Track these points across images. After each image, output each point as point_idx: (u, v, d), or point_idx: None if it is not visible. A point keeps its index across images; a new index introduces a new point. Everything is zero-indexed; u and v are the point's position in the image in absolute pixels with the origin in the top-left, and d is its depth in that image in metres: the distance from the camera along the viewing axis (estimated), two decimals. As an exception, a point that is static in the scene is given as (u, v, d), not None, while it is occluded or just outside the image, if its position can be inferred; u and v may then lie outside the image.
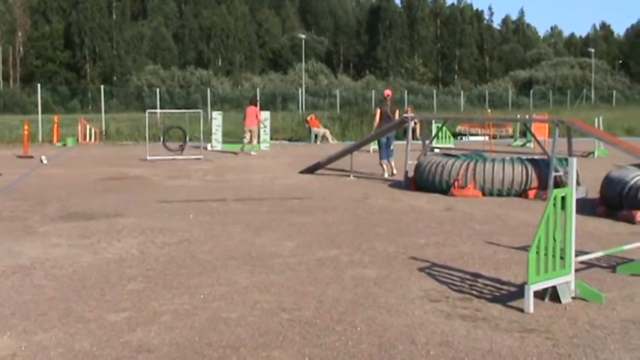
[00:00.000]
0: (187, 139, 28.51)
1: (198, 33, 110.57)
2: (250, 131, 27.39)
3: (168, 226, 11.11)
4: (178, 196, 14.81)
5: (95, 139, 35.23)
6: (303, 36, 78.15)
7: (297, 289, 7.31)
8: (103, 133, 37.36)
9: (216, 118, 31.49)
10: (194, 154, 25.18)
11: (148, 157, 23.91)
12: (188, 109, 39.09)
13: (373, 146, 27.20)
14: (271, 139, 32.34)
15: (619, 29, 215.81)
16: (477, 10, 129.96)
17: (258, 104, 29.49)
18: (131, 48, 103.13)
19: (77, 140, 34.40)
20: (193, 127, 32.85)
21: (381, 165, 18.88)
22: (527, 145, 31.54)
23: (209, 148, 29.68)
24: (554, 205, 6.53)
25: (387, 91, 20.65)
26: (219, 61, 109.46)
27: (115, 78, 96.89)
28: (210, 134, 31.04)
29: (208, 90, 55.75)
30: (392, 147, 19.06)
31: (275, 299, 6.94)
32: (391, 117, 19.13)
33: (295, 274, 7.99)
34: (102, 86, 46.79)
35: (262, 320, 6.28)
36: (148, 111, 28.53)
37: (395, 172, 18.68)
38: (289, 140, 37.48)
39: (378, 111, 19.44)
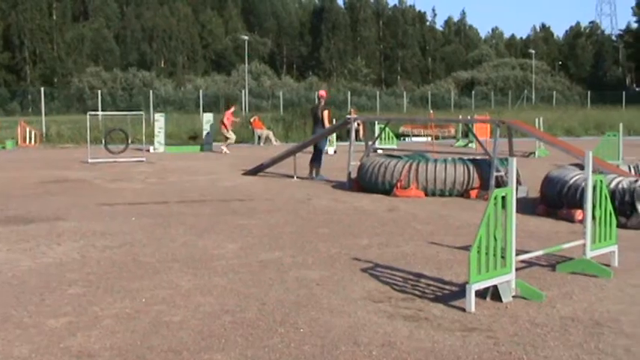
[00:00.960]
0: (129, 141, 28.26)
1: (140, 34, 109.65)
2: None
3: (109, 230, 11.01)
4: (120, 199, 14.67)
5: (35, 142, 34.74)
6: (246, 37, 77.82)
7: (239, 292, 7.29)
8: (44, 135, 36.86)
9: (159, 120, 31.27)
10: (136, 157, 24.97)
11: (90, 160, 23.67)
12: (130, 111, 38.75)
13: (328, 147, 27.24)
14: (214, 140, 32.18)
15: (558, 31, 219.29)
16: (419, 11, 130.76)
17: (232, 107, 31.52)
18: (72, 49, 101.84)
19: (16, 143, 33.90)
20: (136, 129, 32.55)
21: (314, 168, 18.83)
22: (470, 145, 31.75)
23: (151, 150, 29.46)
24: (495, 204, 6.59)
25: (322, 92, 20.61)
26: (162, 62, 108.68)
27: (55, 80, 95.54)
28: (153, 136, 30.81)
29: (151, 92, 55.39)
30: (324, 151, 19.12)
31: (218, 302, 6.91)
32: (320, 118, 19.07)
33: (238, 276, 7.96)
34: (42, 88, 46.11)
35: (205, 323, 6.25)
36: (90, 113, 28.23)
37: (314, 176, 18.66)
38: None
39: (327, 112, 19.33)
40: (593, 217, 8.06)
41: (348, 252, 9.27)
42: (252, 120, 37.50)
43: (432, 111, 48.34)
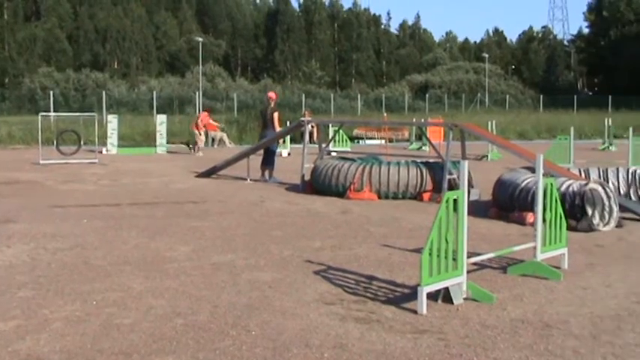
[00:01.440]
0: (82, 142, 28.01)
1: (93, 35, 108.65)
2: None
3: (60, 232, 10.90)
4: (72, 201, 14.54)
5: (-14, 143, 34.34)
6: (200, 39, 77.66)
7: (192, 294, 7.25)
8: (-6, 136, 36.43)
9: (112, 121, 31.02)
10: (89, 158, 24.75)
11: (41, 162, 23.42)
12: (83, 112, 38.42)
13: (282, 149, 27.23)
14: (168, 142, 32.02)
15: (511, 35, 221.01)
16: (374, 14, 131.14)
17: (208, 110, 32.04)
18: (24, 49, 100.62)
19: (-34, 144, 33.50)
20: (88, 130, 32.27)
21: (266, 170, 18.81)
22: (423, 148, 31.90)
23: (104, 152, 29.23)
24: (447, 207, 6.63)
25: (271, 93, 20.55)
26: (116, 63, 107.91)
27: (6, 80, 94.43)
28: (106, 138, 30.57)
29: (104, 93, 55.00)
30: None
31: (169, 304, 6.88)
32: (270, 120, 19.04)
33: (190, 278, 7.93)
34: (-7, 89, 45.64)
35: (156, 326, 6.22)
36: (41, 114, 27.92)
37: (268, 178, 18.66)
38: (186, 144, 37.14)
39: (276, 114, 19.30)
40: (544, 220, 8.14)
41: (301, 254, 9.27)
42: (205, 119, 37.37)
43: (385, 114, 48.49)
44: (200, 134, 30.23)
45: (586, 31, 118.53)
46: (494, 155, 27.11)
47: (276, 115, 18.99)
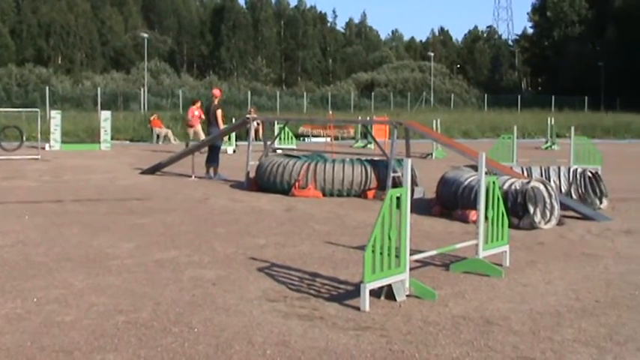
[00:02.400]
0: (24, 138, 27.70)
1: (37, 29, 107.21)
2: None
3: (1, 228, 10.77)
4: (13, 197, 14.37)
5: None
6: (145, 35, 77.10)
7: (134, 291, 7.21)
8: None
9: (55, 117, 30.65)
10: (31, 154, 24.46)
11: (-18, 157, 23.12)
12: (26, 108, 37.97)
13: (227, 146, 27.11)
14: (112, 139, 31.78)
15: (457, 35, 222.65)
16: (320, 12, 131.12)
17: (198, 102, 28.12)
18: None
19: None
20: (31, 126, 31.89)
21: (211, 167, 18.75)
22: (369, 146, 32.04)
23: (47, 148, 28.90)
24: (390, 205, 6.66)
25: (215, 90, 20.49)
26: (59, 59, 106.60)
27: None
28: (49, 134, 30.22)
29: (47, 88, 54.39)
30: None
31: (111, 301, 6.83)
32: (212, 117, 19.01)
33: (133, 275, 7.88)
34: None
35: (98, 323, 6.16)
36: (-17, 109, 27.59)
37: (212, 175, 18.61)
38: (131, 140, 36.92)
39: (219, 111, 19.24)
40: (486, 218, 8.22)
41: (245, 252, 9.26)
42: (151, 119, 37.21)
43: (331, 112, 48.57)
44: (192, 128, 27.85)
45: (530, 31, 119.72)
46: (438, 153, 27.30)
47: (219, 112, 18.97)
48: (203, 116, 23.80)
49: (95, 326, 6.08)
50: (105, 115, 31.42)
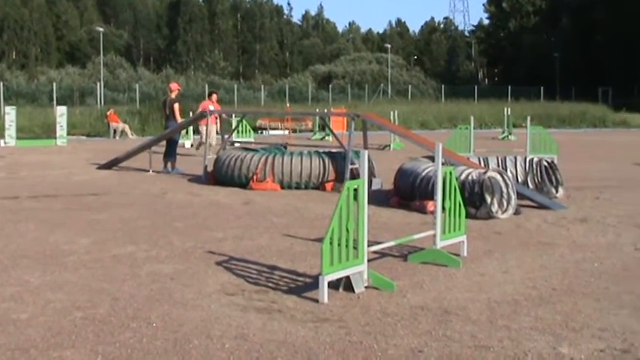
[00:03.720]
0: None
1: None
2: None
3: (-45, 226, 10.65)
4: (-32, 195, 14.21)
5: None
6: (101, 29, 76.52)
7: (91, 287, 7.15)
8: None
9: (10, 113, 30.33)
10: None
11: (-64, 154, 22.83)
12: (-21, 104, 37.56)
13: (185, 140, 26.98)
14: (68, 134, 31.52)
15: (414, 26, 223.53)
16: (277, 5, 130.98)
17: (214, 96, 24.20)
18: None
19: None
20: (-15, 122, 31.59)
21: (168, 162, 18.64)
22: (327, 138, 32.06)
23: (2, 144, 28.60)
24: (347, 196, 6.66)
25: (172, 84, 20.36)
26: (14, 54, 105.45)
27: None
28: (4, 130, 29.90)
29: (1, 84, 53.74)
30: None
31: (68, 298, 6.77)
32: (169, 111, 18.91)
33: (90, 271, 7.82)
34: None
35: (54, 320, 6.11)
36: None
37: (170, 170, 18.51)
38: (87, 136, 36.62)
39: (176, 105, 19.10)
40: (444, 209, 8.26)
41: (203, 246, 9.23)
42: (107, 113, 36.96)
43: (289, 104, 48.56)
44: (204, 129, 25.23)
45: (486, 22, 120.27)
46: (396, 145, 27.39)
47: (176, 106, 18.85)
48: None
49: (52, 323, 6.02)
50: (61, 111, 31.14)
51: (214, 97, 23.79)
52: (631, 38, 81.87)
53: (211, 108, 21.41)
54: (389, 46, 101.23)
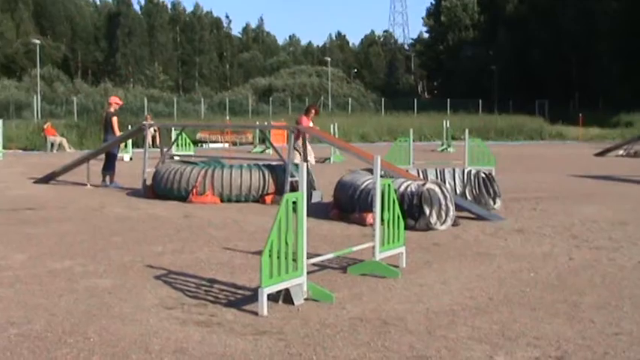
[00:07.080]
0: None
1: None
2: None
3: None
4: None
5: None
6: (37, 41, 75.62)
7: (27, 303, 7.06)
8: None
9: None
10: None
11: None
12: None
13: (124, 153, 26.79)
14: (4, 148, 31.11)
15: (354, 39, 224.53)
16: (216, 17, 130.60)
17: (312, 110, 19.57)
18: None
19: None
20: None
21: (107, 175, 18.51)
22: (267, 151, 32.04)
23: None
24: (286, 209, 6.67)
25: (113, 98, 20.27)
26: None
27: None
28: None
29: None
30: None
31: (3, 314, 6.67)
32: (108, 124, 18.82)
33: (26, 286, 7.71)
34: None
35: (-11, 336, 6.02)
36: None
37: (108, 183, 18.37)
38: (24, 149, 36.16)
39: (115, 118, 18.97)
40: (382, 220, 8.30)
41: (142, 259, 9.16)
42: (44, 127, 36.57)
43: (229, 117, 48.49)
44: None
45: (425, 35, 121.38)
46: (336, 158, 27.50)
47: (115, 119, 18.75)
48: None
49: (-14, 339, 5.94)
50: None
51: (312, 113, 19.35)
52: (567, 52, 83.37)
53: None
54: (329, 59, 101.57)
